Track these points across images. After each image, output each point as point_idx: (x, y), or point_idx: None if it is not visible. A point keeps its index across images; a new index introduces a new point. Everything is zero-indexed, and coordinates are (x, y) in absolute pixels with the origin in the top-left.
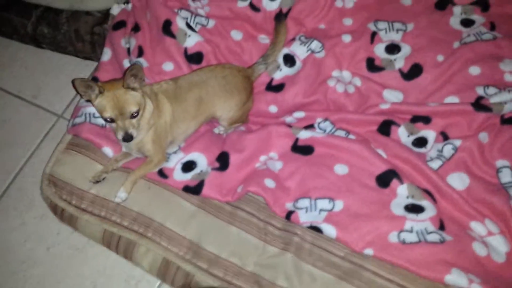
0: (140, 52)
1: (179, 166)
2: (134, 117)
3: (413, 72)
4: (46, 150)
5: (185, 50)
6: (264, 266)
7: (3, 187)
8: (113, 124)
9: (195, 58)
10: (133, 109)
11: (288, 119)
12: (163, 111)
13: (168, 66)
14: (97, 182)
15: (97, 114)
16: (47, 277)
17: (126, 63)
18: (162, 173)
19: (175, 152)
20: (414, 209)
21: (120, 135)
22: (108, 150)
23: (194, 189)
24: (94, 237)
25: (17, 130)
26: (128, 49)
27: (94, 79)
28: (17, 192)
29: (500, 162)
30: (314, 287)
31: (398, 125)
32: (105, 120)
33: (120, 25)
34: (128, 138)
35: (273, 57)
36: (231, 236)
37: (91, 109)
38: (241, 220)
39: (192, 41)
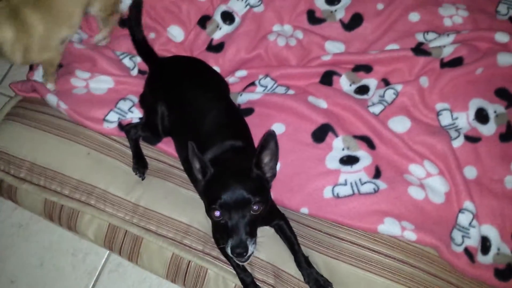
0: None
1: None
2: None
3: (354, 22)
4: None
5: None
6: None
7: None
8: None
9: None
10: None
11: (231, 79)
12: None
13: None
14: None
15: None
16: None
17: None
18: None
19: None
20: (349, 160)
21: None
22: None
23: None
24: (35, 209)
25: None
26: None
27: None
28: None
29: (440, 105)
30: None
31: (340, 75)
32: None
33: None
34: None
35: None
36: (180, 197)
37: None
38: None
39: None
